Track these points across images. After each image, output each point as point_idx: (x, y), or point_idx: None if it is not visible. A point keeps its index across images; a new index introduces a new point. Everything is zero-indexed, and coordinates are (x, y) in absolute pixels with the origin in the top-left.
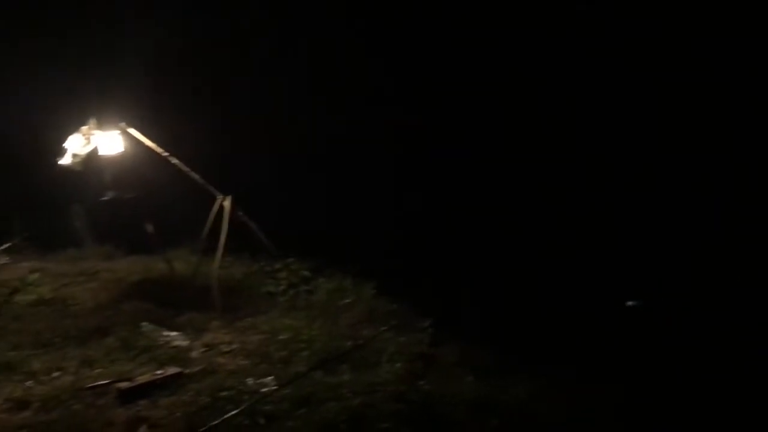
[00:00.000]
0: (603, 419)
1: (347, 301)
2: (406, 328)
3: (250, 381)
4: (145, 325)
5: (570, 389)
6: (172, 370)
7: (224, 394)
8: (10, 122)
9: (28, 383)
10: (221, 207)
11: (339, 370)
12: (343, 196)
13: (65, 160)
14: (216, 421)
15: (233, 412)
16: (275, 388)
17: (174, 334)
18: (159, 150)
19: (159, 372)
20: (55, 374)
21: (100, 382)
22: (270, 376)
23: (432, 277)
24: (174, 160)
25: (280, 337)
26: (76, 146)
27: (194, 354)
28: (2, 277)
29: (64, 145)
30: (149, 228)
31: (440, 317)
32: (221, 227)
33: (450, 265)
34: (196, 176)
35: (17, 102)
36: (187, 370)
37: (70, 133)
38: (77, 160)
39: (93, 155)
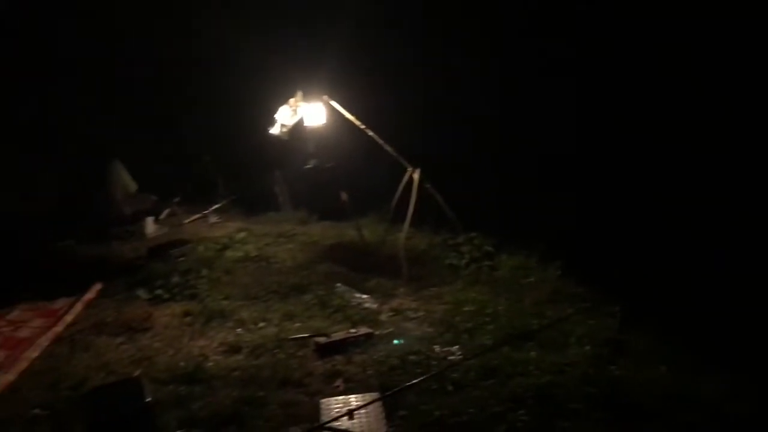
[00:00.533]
0: None
1: (531, 279)
2: (594, 312)
3: (437, 348)
4: (339, 286)
5: None
6: (363, 330)
7: (413, 357)
8: (224, 96)
9: (239, 330)
10: (411, 179)
11: (525, 347)
12: (532, 175)
13: (275, 130)
14: (407, 383)
15: (423, 378)
16: (461, 357)
17: (364, 296)
18: (357, 122)
19: (352, 330)
20: (261, 324)
21: (300, 335)
22: (456, 345)
23: (622, 261)
24: (370, 132)
25: (465, 308)
26: (284, 117)
27: (383, 317)
28: (214, 235)
29: (274, 116)
30: (344, 196)
31: (630, 303)
32: (410, 198)
33: (641, 250)
34: (389, 148)
35: (231, 76)
36: (377, 332)
37: (279, 105)
38: (285, 130)
39: (298, 126)
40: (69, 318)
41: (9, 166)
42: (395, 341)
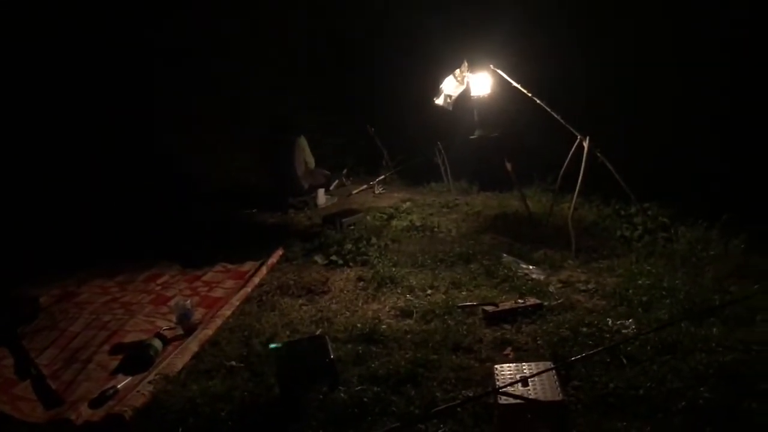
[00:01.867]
0: None
1: (712, 253)
2: None
3: (609, 321)
4: (505, 257)
5: None
6: (532, 301)
7: (584, 329)
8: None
9: (409, 296)
10: (580, 147)
11: (706, 323)
12: (712, 143)
13: (440, 101)
14: (580, 355)
15: (597, 349)
16: (636, 331)
17: (531, 267)
18: (524, 90)
19: (520, 301)
20: (429, 291)
21: (468, 303)
22: (630, 319)
23: None
24: (538, 101)
25: (639, 282)
26: (449, 88)
27: (551, 288)
28: (380, 205)
29: (440, 87)
30: (509, 166)
31: None
32: (579, 168)
33: None
34: (557, 116)
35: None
36: (546, 303)
37: (445, 76)
38: (450, 101)
39: (464, 95)
40: (256, 280)
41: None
42: None
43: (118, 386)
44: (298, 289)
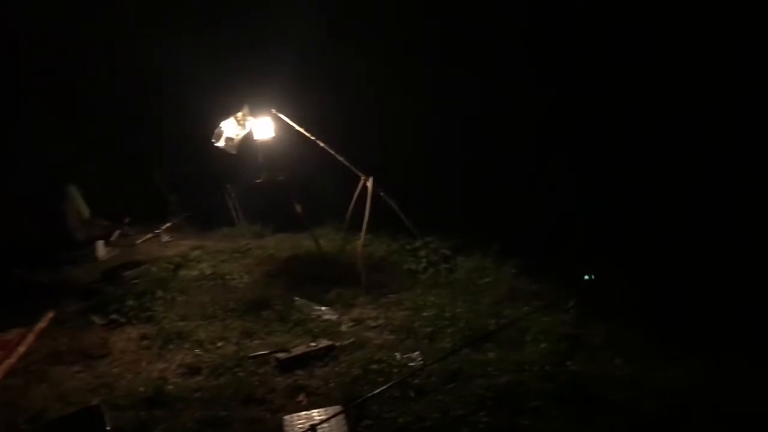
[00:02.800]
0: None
1: (488, 280)
2: (550, 308)
3: (398, 355)
4: (297, 300)
5: (728, 374)
6: (324, 343)
7: (374, 367)
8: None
9: (198, 351)
10: (364, 187)
11: (484, 348)
12: (482, 176)
13: (220, 143)
14: (370, 393)
15: (385, 386)
16: (422, 363)
17: (324, 308)
18: (307, 134)
19: (313, 344)
20: (220, 344)
21: (260, 352)
22: (416, 351)
23: (575, 256)
24: (321, 144)
25: (424, 313)
26: (230, 130)
27: (343, 328)
28: (167, 254)
29: (219, 127)
30: (298, 208)
31: (585, 297)
32: (365, 206)
33: (594, 244)
34: (341, 158)
35: (177, 91)
36: (339, 343)
37: (224, 118)
38: (232, 143)
39: (247, 139)
40: (22, 349)
41: None
42: None
43: None
44: (72, 355)
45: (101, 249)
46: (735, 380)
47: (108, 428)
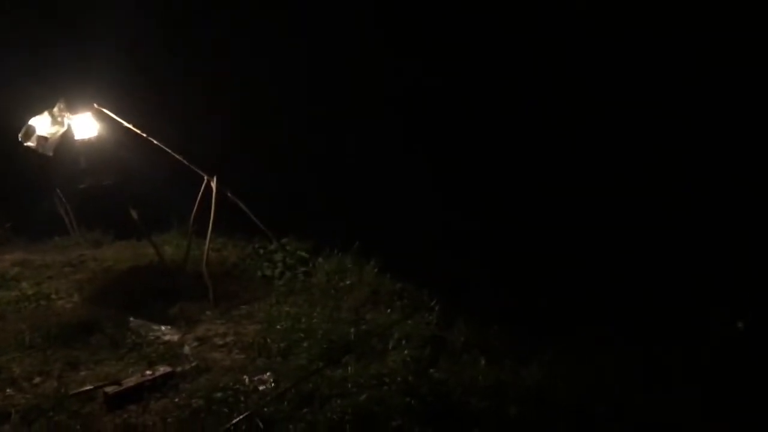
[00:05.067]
0: (626, 391)
1: (348, 282)
2: (413, 310)
3: (246, 379)
4: (133, 321)
5: (586, 364)
6: (162, 370)
7: (219, 395)
8: None
9: (8, 391)
10: (208, 188)
11: (343, 362)
12: (338, 175)
13: (31, 143)
14: None
15: (230, 423)
16: (274, 385)
17: (164, 328)
18: (137, 131)
19: (149, 372)
20: (37, 380)
21: (85, 388)
22: (268, 371)
23: (436, 253)
24: (155, 141)
25: (278, 326)
26: (43, 128)
27: (186, 349)
28: None
29: (29, 124)
30: (134, 214)
31: (447, 295)
32: (210, 209)
33: (453, 240)
34: (179, 157)
35: None
36: (179, 369)
37: (35, 114)
38: (47, 143)
39: (64, 139)
40: None
41: None
42: None
43: None
44: None
45: None
46: (587, 370)
47: None
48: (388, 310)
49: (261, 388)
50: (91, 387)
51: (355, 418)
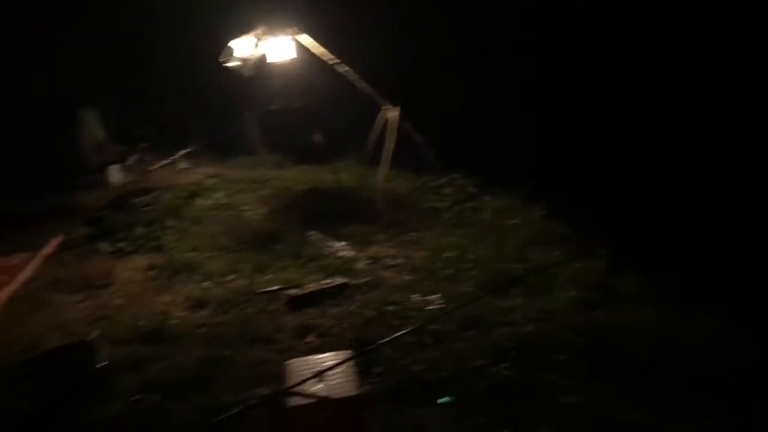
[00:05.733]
0: None
1: (515, 221)
2: (580, 255)
3: (415, 297)
4: (313, 234)
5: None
6: (338, 281)
7: (390, 308)
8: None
9: (206, 284)
10: (388, 118)
11: (509, 294)
12: (517, 112)
13: (231, 63)
14: (383, 340)
15: (401, 332)
16: (441, 306)
17: (340, 244)
18: (329, 58)
19: (326, 281)
20: (230, 277)
21: (271, 288)
22: (436, 294)
23: (609, 201)
24: (344, 68)
25: (446, 254)
26: (244, 49)
27: (359, 266)
28: (182, 182)
29: (229, 45)
30: (317, 138)
31: (617, 245)
32: (387, 139)
33: (629, 190)
34: (365, 85)
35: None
36: (353, 282)
37: (237, 36)
38: (246, 64)
39: (262, 61)
40: (27, 274)
41: None
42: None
43: None
44: (75, 284)
45: (115, 174)
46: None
47: (99, 365)
48: (555, 252)
49: (428, 307)
50: (276, 288)
51: (519, 347)
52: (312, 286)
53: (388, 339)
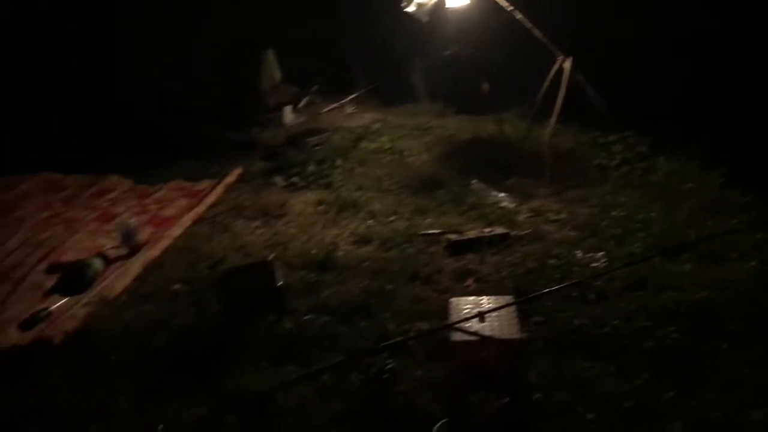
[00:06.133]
0: None
1: (689, 186)
2: (762, 226)
3: (579, 253)
4: (475, 183)
5: None
6: (499, 230)
7: (552, 262)
8: None
9: (370, 222)
10: (560, 68)
11: (680, 259)
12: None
13: (411, 8)
14: (545, 289)
15: (564, 284)
16: (606, 265)
17: (501, 195)
18: (506, 4)
19: (487, 230)
20: (392, 218)
21: (431, 231)
22: (600, 252)
23: None
24: (518, 15)
25: (612, 213)
26: None
27: (521, 218)
28: (349, 125)
29: None
30: (485, 87)
31: None
32: (558, 91)
33: None
34: (539, 34)
35: None
36: (514, 233)
37: None
38: (423, 9)
39: (439, 5)
40: (211, 199)
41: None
42: None
43: (51, 308)
44: (253, 211)
45: (288, 115)
46: None
47: (279, 284)
48: (733, 221)
49: (593, 264)
50: (437, 232)
51: (689, 312)
52: (472, 233)
53: (550, 289)
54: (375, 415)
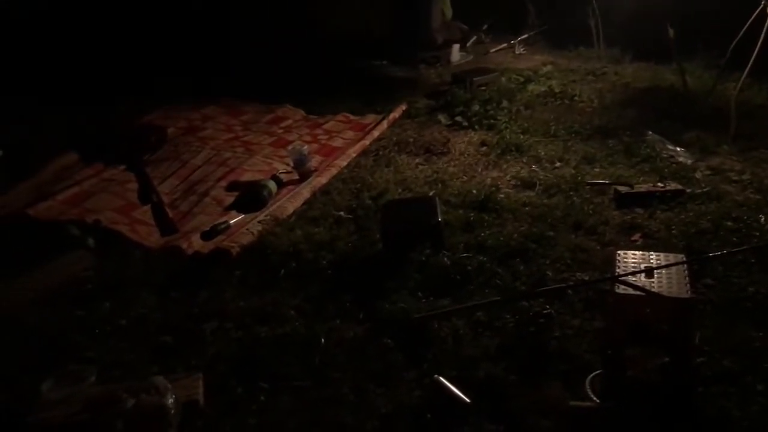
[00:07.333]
0: None
1: None
2: None
3: (761, 218)
4: (650, 134)
5: None
6: (673, 186)
7: (729, 224)
8: None
9: (534, 167)
10: (763, 14)
11: None
12: None
13: None
14: (719, 252)
15: (741, 248)
16: None
17: (678, 149)
18: None
19: (659, 184)
20: (558, 164)
21: (599, 181)
22: None
23: None
24: None
25: None
26: None
27: (698, 175)
28: (518, 66)
29: None
30: (671, 32)
31: None
32: (756, 40)
33: None
34: None
35: None
36: (689, 190)
37: None
38: None
39: None
40: (376, 133)
41: None
42: None
43: (230, 222)
44: (416, 148)
45: (456, 53)
46: None
47: (440, 219)
48: None
49: None
50: (605, 182)
51: None
52: (643, 187)
53: (728, 251)
54: (527, 355)
